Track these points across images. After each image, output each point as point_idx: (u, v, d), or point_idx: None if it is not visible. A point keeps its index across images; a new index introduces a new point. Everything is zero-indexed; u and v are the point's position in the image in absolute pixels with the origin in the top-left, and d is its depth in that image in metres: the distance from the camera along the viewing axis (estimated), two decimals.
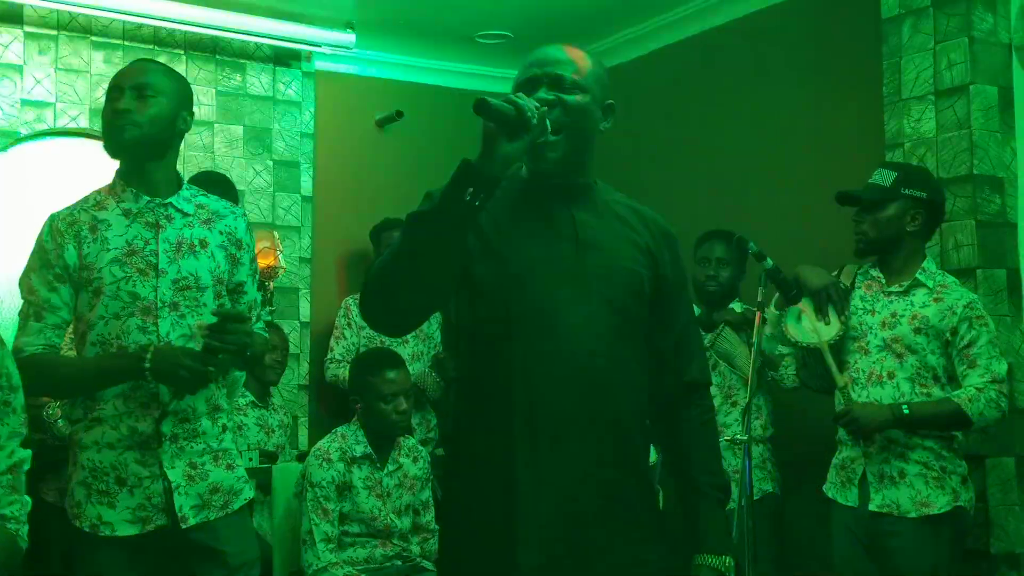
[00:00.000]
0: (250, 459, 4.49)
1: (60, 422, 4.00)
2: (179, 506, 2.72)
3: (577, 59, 2.24)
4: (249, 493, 2.91)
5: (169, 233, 2.79)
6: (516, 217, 2.20)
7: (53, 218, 2.81)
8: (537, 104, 2.06)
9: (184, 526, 2.72)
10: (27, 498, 2.54)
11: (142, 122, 2.75)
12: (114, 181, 2.86)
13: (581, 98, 2.20)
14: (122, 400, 2.71)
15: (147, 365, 2.61)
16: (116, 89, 2.79)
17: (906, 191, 3.54)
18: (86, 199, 2.85)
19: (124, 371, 2.67)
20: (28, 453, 2.51)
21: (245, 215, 3.00)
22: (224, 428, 2.86)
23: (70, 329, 2.86)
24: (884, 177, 3.59)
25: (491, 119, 1.98)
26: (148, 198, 2.81)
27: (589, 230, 2.22)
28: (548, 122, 2.10)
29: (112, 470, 2.71)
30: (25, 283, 2.79)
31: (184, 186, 2.89)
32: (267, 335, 3.13)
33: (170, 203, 2.83)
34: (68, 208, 2.83)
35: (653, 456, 2.61)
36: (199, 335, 2.70)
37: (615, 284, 2.20)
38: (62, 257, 2.74)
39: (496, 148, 1.99)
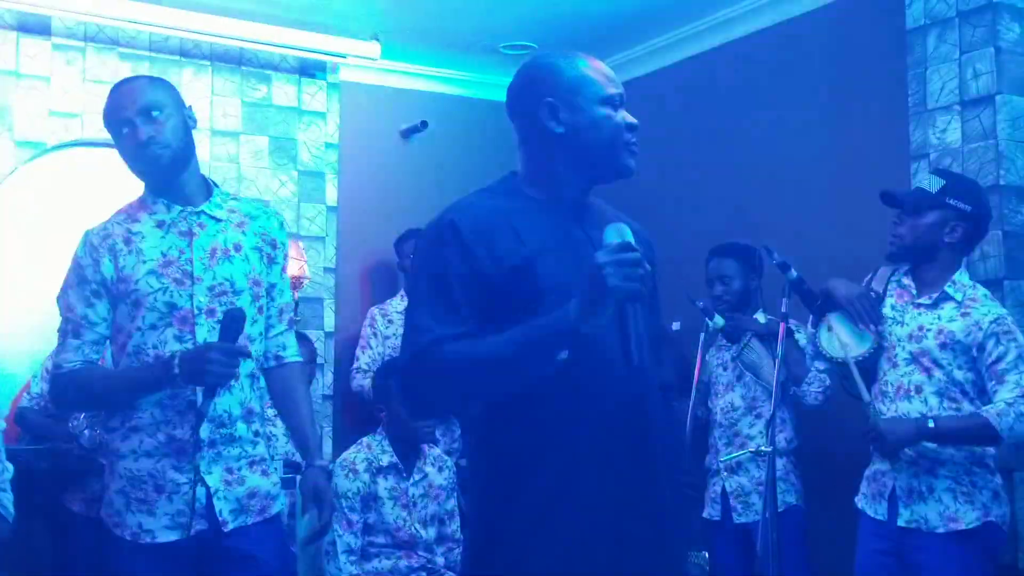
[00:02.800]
0: (275, 468, 4.51)
1: (86, 432, 4.02)
2: (219, 510, 2.73)
3: None
4: (283, 501, 2.93)
5: (203, 240, 2.81)
6: (538, 241, 2.15)
7: (87, 234, 2.83)
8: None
9: (225, 530, 2.73)
10: (9, 465, 2.61)
11: (168, 142, 2.77)
12: (144, 194, 2.88)
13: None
14: (159, 408, 2.72)
15: (176, 372, 2.62)
16: (126, 123, 2.78)
17: (951, 201, 3.44)
18: (117, 213, 2.87)
19: (156, 381, 2.68)
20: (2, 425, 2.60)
21: (279, 214, 3.02)
22: (257, 433, 2.86)
23: None
24: (932, 183, 3.52)
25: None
26: (180, 207, 2.83)
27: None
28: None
29: (150, 478, 2.73)
30: (63, 300, 2.82)
31: (215, 192, 2.91)
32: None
33: (203, 210, 2.84)
34: (101, 224, 2.85)
35: None
36: None
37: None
38: (99, 272, 2.77)
39: (599, 314, 1.95)
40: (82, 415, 4.05)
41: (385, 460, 4.00)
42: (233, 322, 2.65)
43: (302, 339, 4.97)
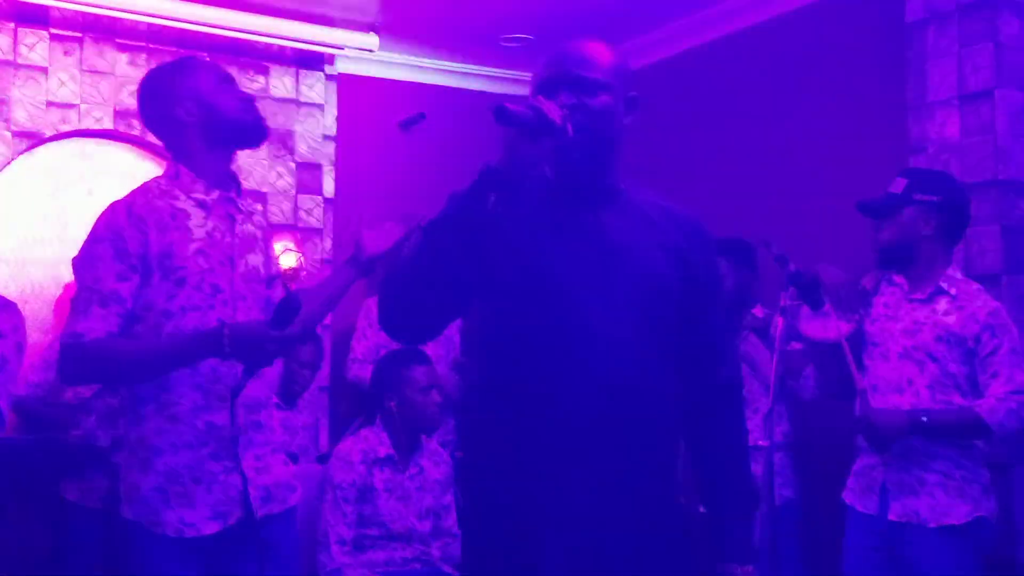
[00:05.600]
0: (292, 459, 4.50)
1: (98, 432, 3.94)
2: (254, 497, 2.70)
3: (598, 56, 2.18)
4: (301, 493, 2.91)
5: (240, 227, 2.80)
6: (542, 222, 2.15)
7: (130, 205, 2.65)
8: (558, 105, 2.03)
9: (258, 516, 2.70)
10: None
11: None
12: (174, 173, 2.75)
13: (604, 99, 2.15)
14: (200, 393, 2.63)
15: (226, 344, 2.49)
16: (227, 77, 2.91)
17: (918, 196, 3.49)
18: (148, 188, 2.72)
19: (201, 349, 2.54)
20: None
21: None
22: (273, 418, 2.87)
23: None
24: (897, 184, 3.57)
25: (512, 125, 1.96)
26: (219, 191, 2.77)
27: (616, 234, 2.17)
28: (570, 125, 2.05)
29: (187, 470, 2.63)
30: (89, 271, 2.61)
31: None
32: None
33: (233, 197, 2.82)
34: (137, 195, 2.69)
35: None
36: None
37: (643, 289, 2.15)
38: (144, 245, 2.61)
39: (516, 152, 1.97)
40: (92, 416, 4.00)
41: (382, 452, 3.99)
42: (288, 308, 2.52)
43: (313, 337, 4.93)
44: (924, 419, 3.32)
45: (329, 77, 6.06)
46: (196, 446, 2.64)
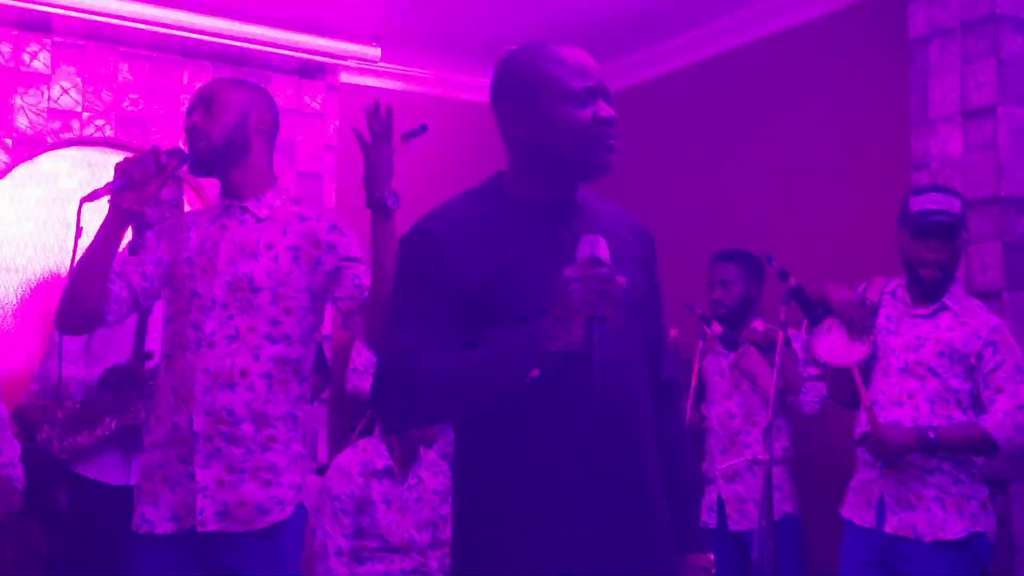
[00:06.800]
0: (288, 483, 4.45)
1: (55, 443, 3.94)
2: (201, 508, 2.68)
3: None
4: (279, 516, 2.76)
5: (235, 234, 2.83)
6: (519, 245, 2.06)
7: (169, 220, 3.02)
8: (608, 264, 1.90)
9: (202, 529, 2.68)
10: (15, 442, 3.00)
11: (211, 134, 2.85)
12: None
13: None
14: (172, 395, 2.76)
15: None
16: (191, 107, 2.90)
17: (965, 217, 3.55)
18: (208, 206, 3.07)
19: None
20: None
21: (336, 218, 3.04)
22: (272, 439, 2.77)
23: None
24: (952, 203, 3.52)
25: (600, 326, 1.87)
26: (228, 200, 2.89)
27: None
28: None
29: (159, 468, 2.76)
30: None
31: (269, 192, 2.92)
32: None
33: (245, 206, 2.87)
34: (190, 211, 3.07)
35: None
36: None
37: (628, 307, 2.06)
38: (157, 253, 2.90)
39: (576, 325, 1.86)
40: (47, 424, 3.97)
41: (380, 463, 3.98)
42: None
43: (324, 370, 4.87)
44: (932, 435, 3.32)
45: (331, 87, 6.05)
46: (165, 446, 2.76)
